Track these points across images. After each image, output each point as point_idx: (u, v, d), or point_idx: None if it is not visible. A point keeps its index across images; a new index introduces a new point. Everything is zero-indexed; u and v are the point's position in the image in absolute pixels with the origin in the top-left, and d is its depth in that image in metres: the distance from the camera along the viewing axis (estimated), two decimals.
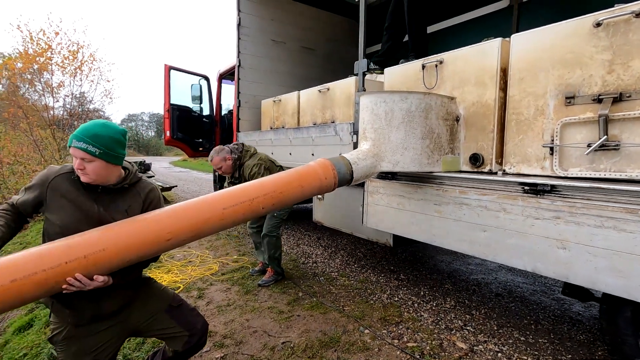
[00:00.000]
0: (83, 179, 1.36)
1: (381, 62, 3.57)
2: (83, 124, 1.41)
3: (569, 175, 1.72)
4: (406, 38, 4.00)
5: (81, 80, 11.50)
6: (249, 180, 3.04)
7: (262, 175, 3.04)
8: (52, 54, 10.78)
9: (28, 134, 10.62)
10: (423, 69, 2.44)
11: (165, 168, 21.88)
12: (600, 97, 1.61)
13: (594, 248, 1.58)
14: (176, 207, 1.44)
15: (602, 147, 1.60)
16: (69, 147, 1.34)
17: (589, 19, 1.64)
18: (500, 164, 2.06)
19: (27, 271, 1.10)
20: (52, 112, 11.23)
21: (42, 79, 11.12)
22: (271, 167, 3.21)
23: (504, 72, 2.02)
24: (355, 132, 2.90)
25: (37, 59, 10.61)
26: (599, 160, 1.64)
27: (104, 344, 1.50)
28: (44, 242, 1.38)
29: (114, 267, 1.27)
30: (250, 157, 3.24)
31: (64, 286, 1.19)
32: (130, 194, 1.50)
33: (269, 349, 2.31)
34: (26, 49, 10.72)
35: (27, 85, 11.56)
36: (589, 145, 1.64)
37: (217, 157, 3.13)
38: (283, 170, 2.29)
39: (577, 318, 2.74)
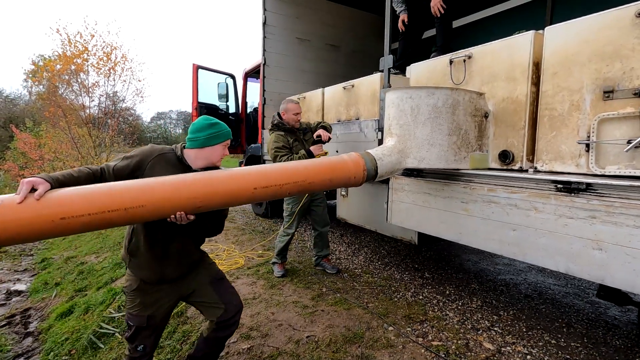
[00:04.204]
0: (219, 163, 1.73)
1: (400, 65, 3.56)
2: (216, 123, 1.67)
3: (606, 173, 1.65)
4: (425, 35, 3.97)
5: (114, 80, 11.98)
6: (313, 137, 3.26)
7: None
8: (88, 55, 11.31)
9: (66, 132, 11.21)
10: (450, 64, 2.39)
11: None
12: None
13: (633, 249, 1.51)
14: (213, 177, 1.55)
15: None
16: (221, 142, 1.66)
17: (631, 8, 1.55)
18: (532, 161, 2.00)
19: (76, 212, 1.26)
20: (88, 111, 11.80)
21: (78, 80, 11.69)
22: None
23: (537, 66, 1.95)
24: (380, 129, 2.88)
25: (75, 60, 11.16)
26: (639, 158, 1.56)
27: (161, 302, 1.76)
28: None
29: (149, 220, 1.46)
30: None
31: (172, 217, 1.44)
32: None
33: (293, 342, 2.35)
34: (65, 51, 11.29)
35: (64, 86, 12.18)
36: (629, 142, 1.56)
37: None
38: None
39: (613, 322, 2.62)
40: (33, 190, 1.23)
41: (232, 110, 6.84)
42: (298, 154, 3.11)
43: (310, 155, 3.07)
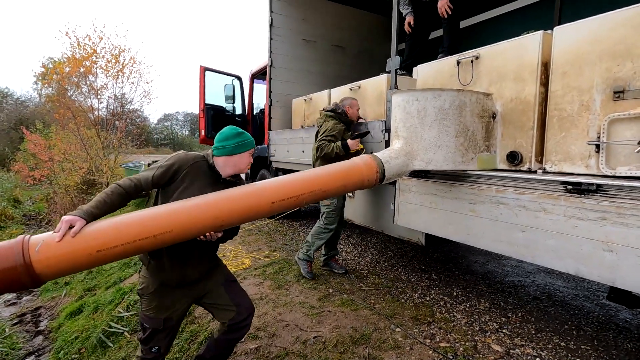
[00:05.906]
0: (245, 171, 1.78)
1: (407, 66, 3.56)
2: (242, 132, 1.73)
3: (617, 174, 1.63)
4: (431, 36, 3.97)
5: (122, 83, 12.15)
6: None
7: None
8: (96, 58, 11.46)
9: (75, 134, 11.36)
10: (458, 65, 2.39)
11: None
12: None
13: None
14: (232, 195, 1.61)
15: None
16: (247, 150, 1.72)
17: None
18: (540, 162, 1.98)
19: (110, 244, 1.36)
20: (96, 113, 11.95)
21: (87, 82, 11.85)
22: None
23: (545, 66, 1.94)
24: (387, 130, 2.88)
25: (84, 62, 11.32)
26: None
27: (178, 304, 1.78)
28: None
29: (176, 242, 1.53)
30: None
31: (202, 237, 1.56)
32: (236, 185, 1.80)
33: (300, 342, 2.36)
34: (74, 53, 11.46)
35: (74, 88, 12.35)
36: None
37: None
38: None
39: (623, 325, 2.58)
40: (71, 227, 1.32)
41: (238, 111, 6.88)
42: (335, 143, 3.12)
43: (346, 148, 3.08)
